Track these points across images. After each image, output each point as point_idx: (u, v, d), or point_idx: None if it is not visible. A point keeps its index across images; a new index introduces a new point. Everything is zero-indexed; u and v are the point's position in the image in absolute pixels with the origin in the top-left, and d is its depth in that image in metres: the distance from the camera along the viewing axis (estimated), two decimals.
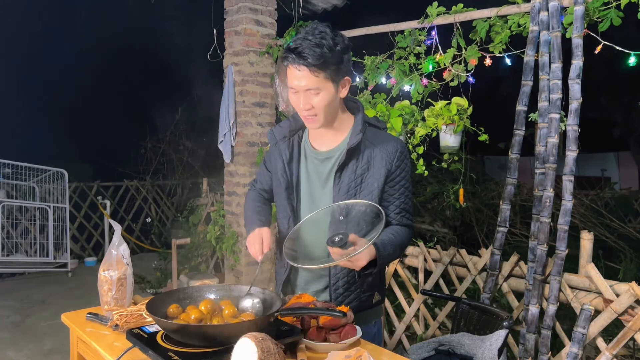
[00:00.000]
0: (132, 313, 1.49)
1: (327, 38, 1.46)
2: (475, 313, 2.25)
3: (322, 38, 1.45)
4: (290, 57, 1.47)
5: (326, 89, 1.49)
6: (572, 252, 2.38)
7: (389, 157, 1.57)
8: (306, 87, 1.48)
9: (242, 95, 4.07)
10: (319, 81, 1.47)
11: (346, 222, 1.53)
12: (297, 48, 1.45)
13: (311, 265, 1.58)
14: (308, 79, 1.46)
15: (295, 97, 1.52)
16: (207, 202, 5.41)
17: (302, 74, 1.46)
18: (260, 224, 1.63)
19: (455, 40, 2.84)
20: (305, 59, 1.44)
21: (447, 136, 2.86)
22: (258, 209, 1.74)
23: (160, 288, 5.49)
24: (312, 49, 1.43)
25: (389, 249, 1.49)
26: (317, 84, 1.47)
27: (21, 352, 3.90)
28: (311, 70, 1.45)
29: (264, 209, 1.76)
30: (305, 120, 1.56)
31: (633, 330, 2.12)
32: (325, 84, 1.48)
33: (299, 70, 1.46)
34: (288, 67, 1.49)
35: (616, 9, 2.29)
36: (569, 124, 2.37)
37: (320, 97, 1.49)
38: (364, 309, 1.65)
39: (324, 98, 1.50)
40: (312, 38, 1.45)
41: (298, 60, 1.45)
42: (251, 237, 1.58)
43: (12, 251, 6.23)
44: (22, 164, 6.35)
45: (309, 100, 1.50)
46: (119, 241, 1.63)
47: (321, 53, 1.44)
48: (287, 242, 1.56)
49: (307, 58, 1.43)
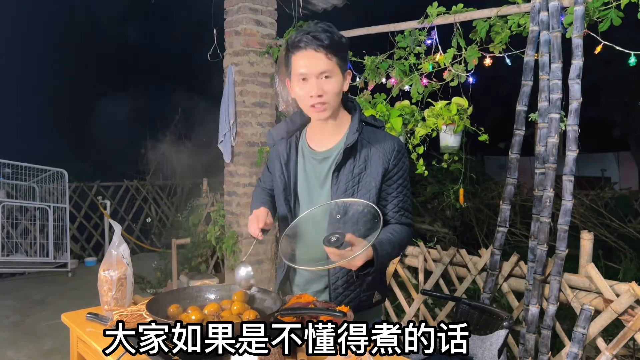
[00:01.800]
0: (132, 313, 1.50)
1: (333, 28, 1.51)
2: (475, 313, 2.25)
3: (329, 27, 1.50)
4: (304, 39, 1.47)
5: (337, 75, 1.51)
6: (572, 252, 2.37)
7: (386, 155, 1.57)
8: (321, 69, 1.48)
9: (242, 95, 4.07)
10: (332, 65, 1.48)
11: (344, 221, 1.53)
12: (310, 32, 1.47)
13: (308, 267, 1.58)
14: (323, 62, 1.47)
15: (305, 85, 1.51)
16: (207, 202, 5.41)
17: (319, 55, 1.47)
18: (257, 206, 1.65)
19: (455, 40, 2.84)
20: (322, 41, 1.46)
21: (447, 136, 2.86)
22: (262, 200, 1.77)
23: (160, 288, 5.49)
24: (324, 33, 1.47)
25: (387, 248, 1.49)
26: (331, 67, 1.49)
27: (21, 352, 3.91)
28: (327, 52, 1.47)
29: (267, 200, 1.78)
30: (313, 110, 1.53)
31: (633, 330, 2.12)
32: (336, 69, 1.50)
33: (316, 51, 1.47)
34: (298, 54, 1.49)
35: (616, 9, 2.29)
36: (569, 124, 2.37)
37: (332, 83, 1.50)
38: (364, 308, 1.64)
39: (335, 84, 1.51)
40: (322, 25, 1.50)
41: (315, 41, 1.46)
42: (250, 219, 1.60)
43: (12, 251, 6.23)
44: (22, 164, 6.35)
45: (321, 86, 1.49)
46: (119, 241, 1.63)
47: (333, 37, 1.48)
48: (283, 240, 1.55)
49: (324, 40, 1.46)
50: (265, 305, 1.47)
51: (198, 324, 1.16)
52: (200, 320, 1.32)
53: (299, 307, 1.45)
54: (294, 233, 1.58)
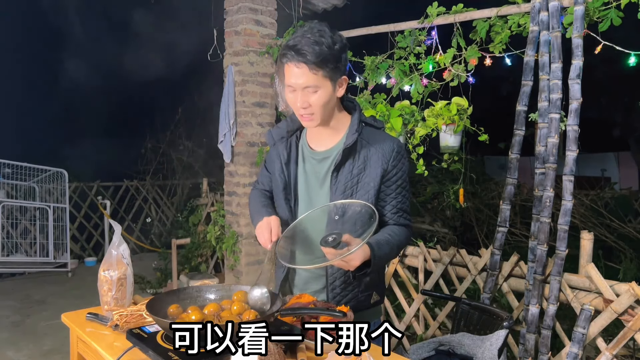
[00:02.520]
0: (132, 313, 1.49)
1: (325, 36, 1.45)
2: (475, 313, 2.25)
3: (321, 36, 1.45)
4: (289, 54, 1.45)
5: (324, 87, 1.48)
6: (572, 252, 2.38)
7: (385, 156, 1.57)
8: (304, 84, 1.47)
9: (242, 95, 4.07)
10: (317, 79, 1.46)
11: (342, 222, 1.53)
12: (295, 45, 1.44)
13: (304, 266, 1.58)
14: (306, 77, 1.45)
15: (293, 96, 1.52)
16: (207, 202, 5.41)
17: (301, 71, 1.45)
18: (268, 213, 1.61)
19: (455, 40, 2.84)
20: (305, 56, 1.43)
21: (447, 136, 2.86)
22: (264, 203, 1.73)
23: (160, 288, 5.49)
24: (311, 47, 1.43)
25: (385, 249, 1.48)
26: (316, 82, 1.46)
27: (21, 352, 3.90)
28: (310, 68, 1.44)
29: (269, 203, 1.74)
30: (302, 119, 1.56)
31: (633, 330, 2.12)
32: (324, 82, 1.47)
33: (298, 67, 1.45)
34: (286, 65, 1.48)
35: (616, 9, 2.29)
36: (569, 124, 2.37)
37: (318, 95, 1.49)
38: (362, 309, 1.64)
39: (322, 96, 1.49)
40: (311, 36, 1.45)
41: (297, 57, 1.44)
42: (260, 226, 1.55)
43: (12, 251, 6.23)
44: (22, 164, 6.35)
45: (306, 99, 1.49)
46: (119, 241, 1.62)
47: (320, 51, 1.43)
48: (281, 242, 1.54)
49: (307, 55, 1.43)
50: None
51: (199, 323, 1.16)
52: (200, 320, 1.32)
53: (299, 307, 1.45)
54: (292, 234, 1.58)
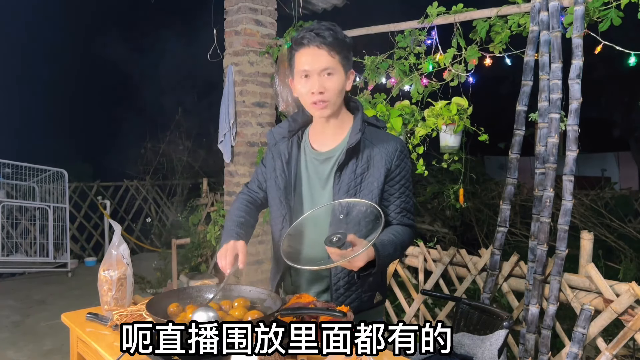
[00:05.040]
0: (132, 313, 1.50)
1: (337, 29, 1.52)
2: (475, 313, 2.25)
3: (333, 25, 1.52)
4: (307, 36, 1.49)
5: (339, 73, 1.52)
6: (572, 252, 2.38)
7: (389, 156, 1.57)
8: (322, 67, 1.49)
9: (242, 95, 4.07)
10: (334, 62, 1.50)
11: (346, 222, 1.52)
12: (313, 29, 1.49)
13: (308, 267, 1.57)
14: (325, 59, 1.49)
15: (307, 82, 1.52)
16: (207, 202, 5.42)
17: (321, 52, 1.49)
18: (237, 237, 1.54)
19: (455, 40, 2.84)
20: (325, 38, 1.48)
21: (447, 136, 2.86)
22: (240, 221, 1.64)
23: (160, 288, 5.49)
24: (328, 31, 1.49)
25: (389, 249, 1.48)
26: (333, 65, 1.50)
27: (21, 352, 3.90)
28: (329, 49, 1.49)
29: (246, 221, 1.66)
30: (314, 107, 1.54)
31: (633, 330, 2.12)
32: (339, 68, 1.52)
33: (319, 48, 1.49)
34: (302, 50, 1.51)
35: (616, 9, 2.29)
36: (569, 124, 2.37)
37: (333, 81, 1.51)
38: (365, 309, 1.64)
39: (337, 82, 1.52)
40: (324, 25, 1.51)
41: (317, 38, 1.48)
42: (223, 249, 1.47)
43: (12, 251, 6.23)
44: (22, 164, 6.35)
45: (322, 83, 1.50)
46: (119, 241, 1.62)
47: (337, 35, 1.50)
48: (285, 240, 1.53)
49: (327, 38, 1.48)
50: (265, 305, 1.46)
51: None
52: None
53: (299, 307, 1.45)
54: (296, 233, 1.57)
